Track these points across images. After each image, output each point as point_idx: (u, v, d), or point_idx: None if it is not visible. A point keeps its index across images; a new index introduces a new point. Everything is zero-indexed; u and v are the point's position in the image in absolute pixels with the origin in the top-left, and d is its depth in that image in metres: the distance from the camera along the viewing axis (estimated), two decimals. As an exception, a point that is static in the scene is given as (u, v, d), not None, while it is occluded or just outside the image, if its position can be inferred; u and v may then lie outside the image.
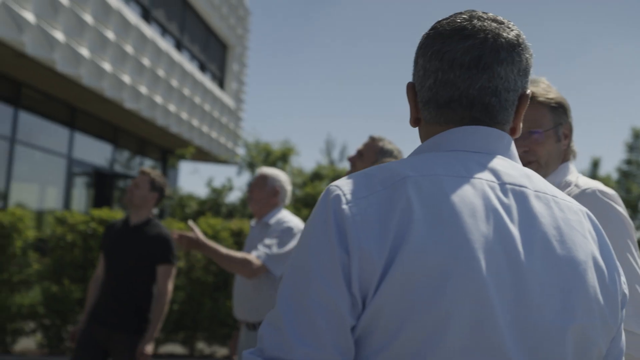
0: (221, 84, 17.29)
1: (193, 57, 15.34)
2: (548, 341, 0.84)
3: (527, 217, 0.88)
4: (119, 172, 13.61)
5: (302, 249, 0.86)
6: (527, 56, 0.99)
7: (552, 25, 49.10)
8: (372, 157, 2.59)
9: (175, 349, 7.05)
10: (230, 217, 10.33)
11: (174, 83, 12.81)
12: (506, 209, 0.88)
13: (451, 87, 0.96)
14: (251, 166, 12.83)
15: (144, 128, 13.15)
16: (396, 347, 0.80)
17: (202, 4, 14.79)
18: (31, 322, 6.43)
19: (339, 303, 0.80)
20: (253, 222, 3.44)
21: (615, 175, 15.23)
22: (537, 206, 0.90)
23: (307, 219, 1.63)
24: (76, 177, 12.19)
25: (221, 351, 7.09)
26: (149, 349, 3.48)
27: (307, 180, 11.94)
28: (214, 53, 16.73)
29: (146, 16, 12.63)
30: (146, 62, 11.56)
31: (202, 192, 47.20)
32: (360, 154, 2.64)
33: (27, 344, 6.74)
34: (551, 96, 1.74)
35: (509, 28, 0.98)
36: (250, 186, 3.42)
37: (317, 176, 12.20)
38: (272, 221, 3.25)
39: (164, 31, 13.61)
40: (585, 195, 1.63)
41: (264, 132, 40.64)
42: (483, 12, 1.00)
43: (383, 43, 50.51)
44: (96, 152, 12.75)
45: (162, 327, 6.36)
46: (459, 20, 0.98)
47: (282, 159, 12.49)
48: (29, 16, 8.10)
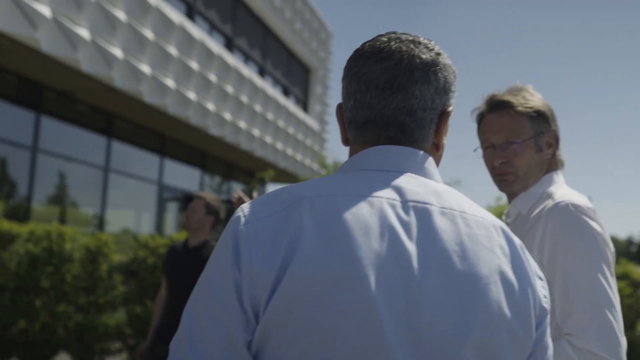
0: (305, 107, 17.59)
1: (276, 82, 15.74)
2: (442, 356, 0.85)
3: (428, 234, 0.89)
4: (208, 196, 14.09)
5: (206, 268, 0.91)
6: (446, 75, 1.02)
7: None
8: None
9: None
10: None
11: (258, 108, 13.18)
12: (405, 226, 0.89)
13: (368, 108, 0.99)
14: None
15: (229, 153, 13.60)
16: None
17: (283, 30, 15.18)
18: (117, 342, 6.74)
19: (231, 319, 0.84)
20: None
21: None
22: (441, 222, 0.91)
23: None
24: (167, 202, 12.76)
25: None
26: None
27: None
28: (297, 77, 17.08)
29: (229, 45, 13.12)
30: (230, 89, 11.98)
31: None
32: None
33: (116, 363, 7.07)
34: (530, 105, 1.69)
35: (426, 49, 1.02)
36: None
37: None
38: None
39: (247, 58, 14.07)
40: (557, 209, 1.56)
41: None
42: (403, 34, 1.04)
43: (474, 59, 49.67)
44: (185, 177, 13.30)
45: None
46: (378, 43, 1.02)
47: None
48: (117, 52, 8.63)
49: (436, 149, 1.04)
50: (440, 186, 0.97)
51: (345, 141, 1.07)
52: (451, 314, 0.85)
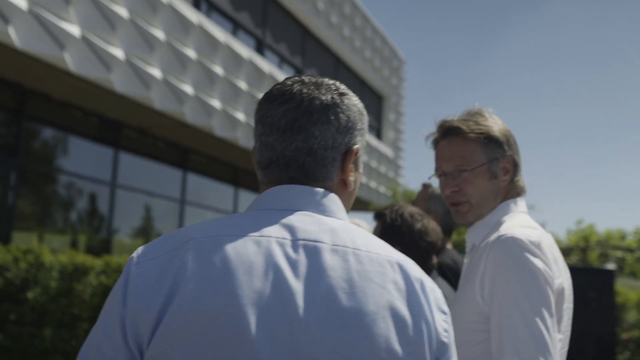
0: (378, 134, 17.56)
1: (348, 110, 15.83)
2: None
3: (315, 271, 0.91)
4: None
5: (104, 305, 0.96)
6: (349, 114, 1.06)
7: None
8: (424, 204, 2.56)
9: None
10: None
11: (328, 137, 13.29)
12: (292, 264, 0.91)
13: (271, 149, 1.03)
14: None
15: (303, 182, 13.74)
16: None
17: (354, 58, 15.31)
18: None
19: (115, 356, 0.88)
20: None
21: None
22: (330, 260, 0.92)
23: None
24: (242, 232, 13.04)
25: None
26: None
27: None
28: (370, 104, 17.11)
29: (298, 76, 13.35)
30: (299, 119, 12.16)
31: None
32: (413, 203, 2.67)
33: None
34: (482, 130, 1.61)
35: (328, 90, 1.05)
36: None
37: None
38: None
39: (318, 89, 14.26)
40: (498, 242, 1.47)
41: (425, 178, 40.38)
42: (308, 76, 1.08)
43: (554, 77, 48.12)
44: (260, 207, 13.55)
45: None
46: (282, 87, 1.06)
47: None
48: (188, 89, 8.99)
49: (344, 186, 1.06)
50: (339, 223, 0.99)
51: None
52: (335, 349, 0.87)
